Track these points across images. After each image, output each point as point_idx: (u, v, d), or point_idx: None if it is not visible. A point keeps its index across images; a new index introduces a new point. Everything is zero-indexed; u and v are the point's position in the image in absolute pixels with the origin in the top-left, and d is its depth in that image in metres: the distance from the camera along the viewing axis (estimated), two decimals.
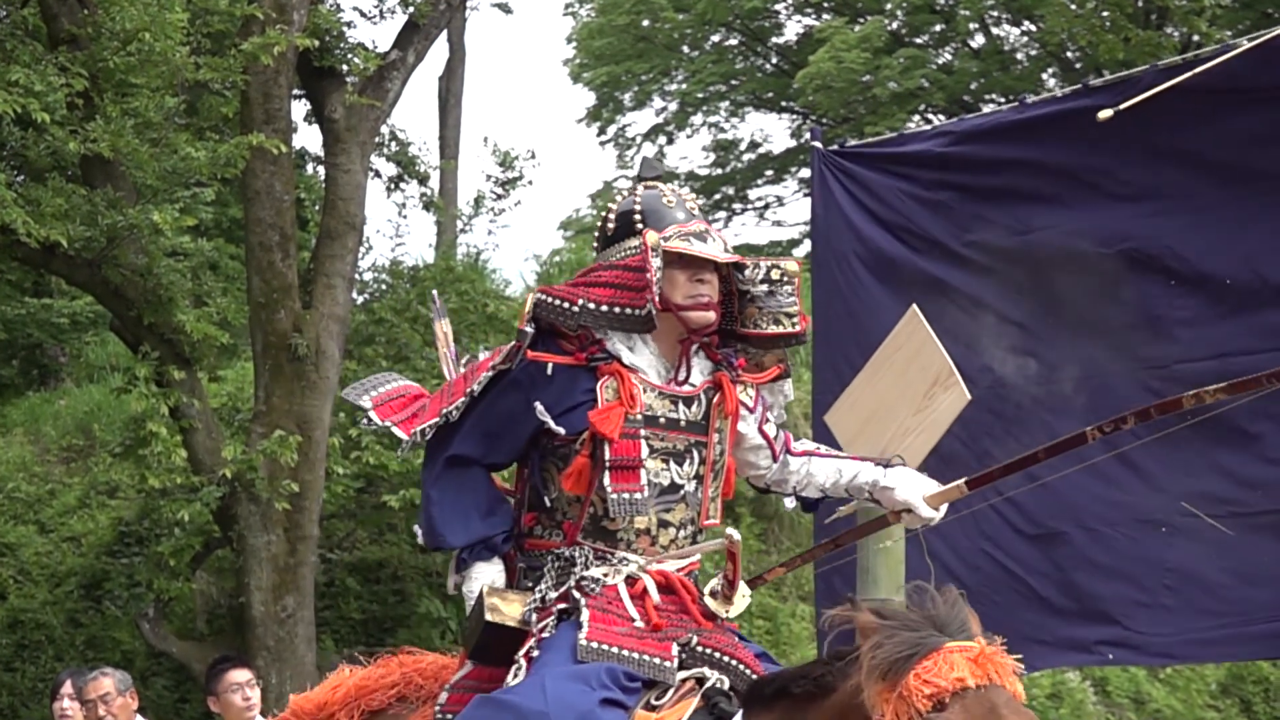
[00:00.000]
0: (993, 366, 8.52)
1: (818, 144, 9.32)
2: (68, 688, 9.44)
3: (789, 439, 5.79)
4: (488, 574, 5.21)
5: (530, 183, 16.44)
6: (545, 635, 5.03)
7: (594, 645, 4.91)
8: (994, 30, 30.83)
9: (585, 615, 4.99)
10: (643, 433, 5.21)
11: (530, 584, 5.24)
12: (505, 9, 21.92)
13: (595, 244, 5.59)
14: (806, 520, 16.16)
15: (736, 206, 33.81)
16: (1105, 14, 21.21)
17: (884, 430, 7.22)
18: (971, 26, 30.54)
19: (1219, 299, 8.08)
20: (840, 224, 9.22)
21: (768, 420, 5.70)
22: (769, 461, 5.72)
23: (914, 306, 7.34)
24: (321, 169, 16.18)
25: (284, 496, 12.99)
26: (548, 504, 5.27)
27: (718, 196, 33.60)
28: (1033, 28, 29.80)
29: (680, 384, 5.33)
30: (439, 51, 25.19)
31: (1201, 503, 8.10)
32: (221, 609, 14.75)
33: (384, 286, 16.28)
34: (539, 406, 5.18)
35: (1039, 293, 8.71)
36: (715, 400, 5.37)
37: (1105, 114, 7.29)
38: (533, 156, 16.60)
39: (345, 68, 14.46)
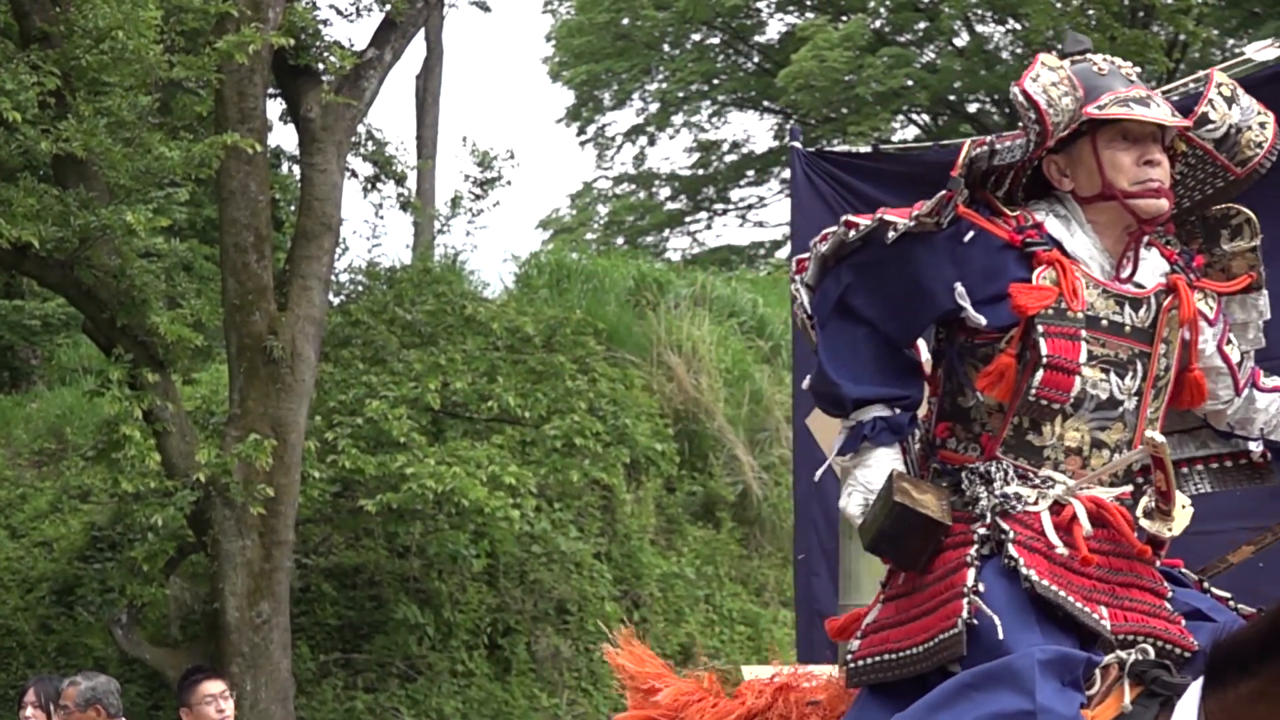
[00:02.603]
0: None
1: (797, 144, 9.25)
2: (31, 695, 9.31)
3: (1258, 373, 4.90)
4: (889, 461, 4.52)
5: (509, 183, 16.30)
6: (974, 562, 4.34)
7: (1047, 586, 4.22)
8: (978, 29, 30.76)
9: (1013, 549, 4.29)
10: (1083, 334, 4.49)
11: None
12: (484, 7, 21.77)
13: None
14: (789, 525, 16.06)
15: (718, 207, 33.74)
16: (1091, 12, 21.15)
17: None
18: (955, 25, 30.47)
19: None
20: (819, 225, 9.11)
21: (1229, 341, 4.83)
22: (1230, 393, 4.83)
23: None
24: (297, 169, 16.05)
25: (259, 501, 12.89)
26: (964, 412, 4.60)
27: (699, 197, 33.54)
28: (1017, 26, 29.72)
29: (1124, 282, 4.60)
30: (416, 50, 25.07)
31: None
32: (195, 615, 14.63)
33: (360, 288, 16.16)
34: (959, 289, 4.49)
35: None
36: (1166, 305, 4.61)
37: None
38: (511, 156, 16.43)
39: (321, 66, 14.33)
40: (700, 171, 33.54)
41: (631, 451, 14.87)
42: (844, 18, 30.11)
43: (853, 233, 4.57)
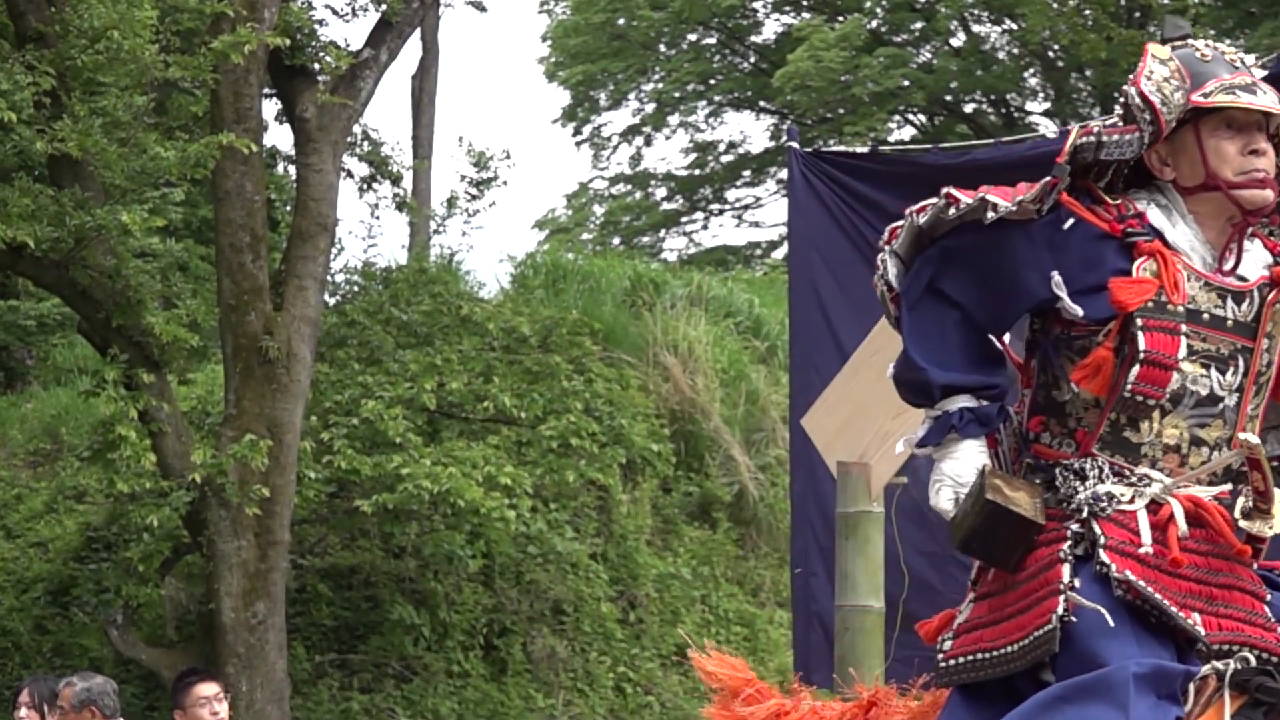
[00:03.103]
0: None
1: (795, 144, 9.26)
2: (25, 696, 9.29)
3: None
4: (978, 456, 4.39)
5: (505, 183, 16.31)
6: (1067, 558, 4.22)
7: (1143, 588, 4.10)
8: (974, 29, 30.75)
9: (1105, 554, 4.16)
10: (1183, 329, 4.35)
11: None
12: (479, 7, 21.63)
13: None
14: (785, 525, 16.06)
15: (714, 207, 33.73)
16: (1087, 12, 21.15)
17: (862, 434, 7.15)
18: (952, 25, 30.46)
19: None
20: (816, 226, 9.17)
21: None
22: None
23: None
24: (293, 169, 16.04)
25: (254, 501, 12.87)
26: (1059, 406, 4.44)
27: (695, 197, 33.53)
28: (1014, 26, 29.72)
29: (1227, 275, 4.44)
30: (412, 50, 25.01)
31: None
32: (191, 615, 14.61)
33: (356, 288, 16.15)
34: (1056, 278, 4.35)
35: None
36: (1271, 299, 4.44)
37: None
38: (507, 156, 16.44)
39: (317, 66, 14.32)
40: (696, 172, 33.53)
41: (627, 452, 14.86)
42: (840, 18, 30.10)
43: (953, 209, 4.43)
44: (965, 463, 4.40)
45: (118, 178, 12.98)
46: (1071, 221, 4.38)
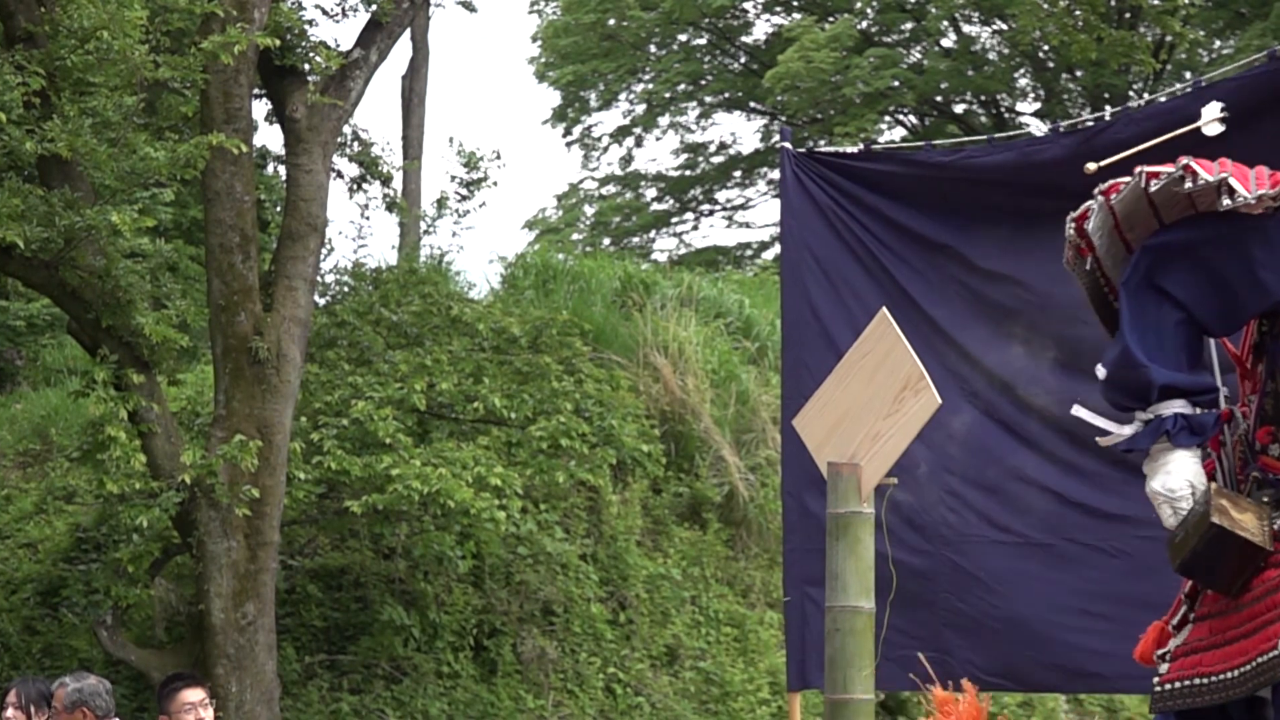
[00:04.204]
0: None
1: (787, 144, 9.26)
2: (13, 697, 9.27)
3: None
4: (1190, 467, 4.16)
5: (495, 184, 16.29)
6: None
7: None
8: (965, 29, 30.77)
9: None
10: None
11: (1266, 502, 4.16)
12: (469, 7, 21.64)
13: None
14: (775, 526, 16.05)
15: (704, 208, 33.75)
16: (1078, 13, 21.14)
17: (854, 435, 7.12)
18: (942, 25, 30.48)
19: None
20: (809, 227, 9.18)
21: None
22: None
23: (884, 310, 7.28)
24: (283, 169, 16.02)
25: (244, 502, 12.85)
26: None
27: (686, 198, 33.53)
28: (1004, 27, 29.74)
29: None
30: (402, 50, 25.05)
31: None
32: (181, 616, 14.58)
33: (346, 289, 16.13)
34: None
35: (994, 322, 8.79)
36: None
37: (1091, 167, 7.12)
38: (498, 157, 16.43)
39: (307, 66, 14.30)
40: (687, 172, 33.57)
41: (618, 452, 14.84)
42: (831, 18, 30.12)
43: (1188, 182, 4.20)
44: (1178, 476, 4.17)
45: (107, 178, 12.95)
46: None
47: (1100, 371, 4.33)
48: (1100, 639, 8.48)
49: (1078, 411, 7.48)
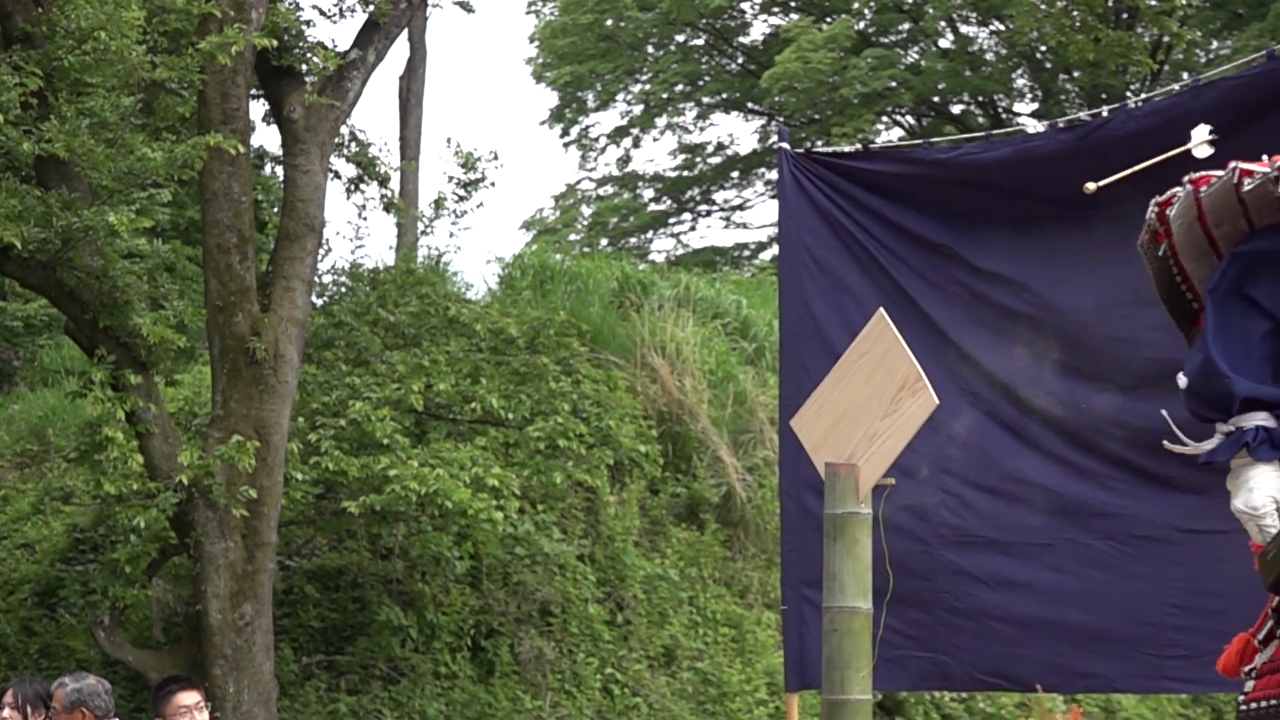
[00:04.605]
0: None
1: (785, 145, 9.26)
2: (9, 697, 9.27)
3: None
4: (1272, 482, 4.05)
5: (493, 184, 16.24)
6: None
7: None
8: (962, 30, 30.78)
9: None
10: None
11: None
12: (467, 7, 21.74)
13: None
14: (773, 526, 16.06)
15: (702, 209, 33.75)
16: (1075, 14, 21.12)
17: (851, 435, 7.13)
18: (940, 26, 30.49)
19: None
20: (806, 227, 9.18)
21: None
22: None
23: (881, 310, 7.29)
24: (280, 170, 15.99)
25: (241, 503, 12.84)
26: None
27: (683, 198, 33.54)
28: (1001, 27, 29.75)
29: None
30: (400, 51, 25.10)
31: None
32: (178, 617, 14.59)
33: (344, 289, 16.11)
34: None
35: (995, 324, 8.81)
36: None
37: (1090, 187, 7.10)
38: (495, 157, 16.40)
39: (304, 67, 14.29)
40: (684, 173, 33.57)
41: (615, 453, 14.83)
42: (828, 19, 30.12)
43: None
44: (1260, 493, 4.08)
45: (105, 179, 12.94)
46: None
47: (1181, 380, 4.26)
48: (1100, 639, 8.48)
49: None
